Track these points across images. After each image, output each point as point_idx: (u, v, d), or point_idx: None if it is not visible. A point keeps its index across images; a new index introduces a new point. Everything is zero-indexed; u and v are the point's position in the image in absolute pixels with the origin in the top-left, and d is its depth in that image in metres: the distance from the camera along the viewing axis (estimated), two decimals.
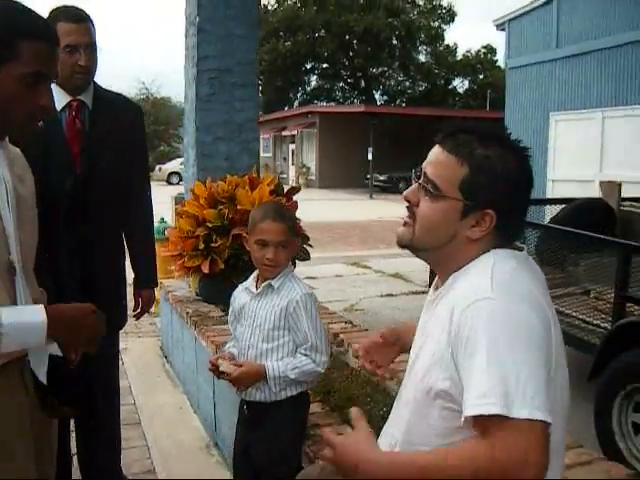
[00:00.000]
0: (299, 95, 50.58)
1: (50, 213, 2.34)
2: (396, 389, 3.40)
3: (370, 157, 30.03)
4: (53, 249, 2.56)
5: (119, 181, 2.92)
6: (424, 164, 1.61)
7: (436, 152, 1.59)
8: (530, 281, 1.50)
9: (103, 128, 2.83)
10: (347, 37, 44.86)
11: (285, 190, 5.12)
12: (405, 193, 1.62)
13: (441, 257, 1.60)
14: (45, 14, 2.46)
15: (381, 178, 32.62)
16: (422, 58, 48.65)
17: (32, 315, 1.58)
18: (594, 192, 12.13)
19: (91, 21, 2.75)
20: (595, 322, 4.38)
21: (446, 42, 48.66)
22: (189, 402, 4.69)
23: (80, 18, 2.70)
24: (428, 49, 48.49)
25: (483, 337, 1.35)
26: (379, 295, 8.76)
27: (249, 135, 5.42)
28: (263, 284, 2.67)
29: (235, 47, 5.28)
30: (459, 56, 48.85)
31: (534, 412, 1.27)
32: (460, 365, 1.40)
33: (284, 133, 40.60)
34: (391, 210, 22.99)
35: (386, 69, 48.57)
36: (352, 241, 14.97)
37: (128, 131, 2.97)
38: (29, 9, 1.66)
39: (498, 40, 49.87)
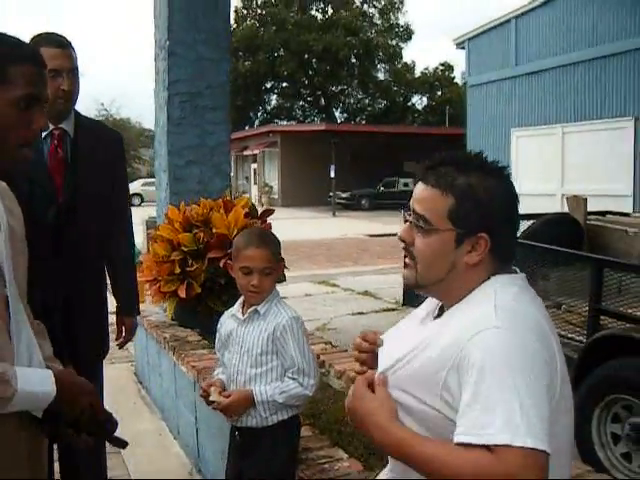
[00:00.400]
0: (259, 114, 50.72)
1: (34, 245, 2.32)
2: None
3: (332, 175, 30.17)
4: (39, 280, 2.54)
5: (102, 211, 2.91)
6: (411, 202, 1.63)
7: (420, 188, 1.62)
8: (532, 306, 1.53)
9: (85, 157, 2.81)
10: (306, 56, 45.24)
11: (259, 212, 5.15)
12: (399, 234, 1.64)
13: (446, 288, 1.61)
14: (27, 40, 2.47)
15: (343, 196, 32.83)
16: (381, 76, 49.31)
17: (43, 385, 1.60)
18: (557, 205, 12.48)
19: (72, 47, 2.75)
20: (569, 335, 4.46)
21: (404, 60, 49.40)
22: (168, 428, 4.64)
23: (62, 44, 2.70)
24: (386, 67, 49.14)
25: (488, 366, 1.37)
26: (350, 313, 8.78)
27: (221, 158, 5.43)
28: (249, 310, 2.66)
29: (205, 70, 5.29)
30: (417, 73, 49.59)
31: (537, 442, 1.29)
32: (464, 391, 1.40)
33: (245, 153, 40.65)
34: (354, 227, 23.16)
35: (345, 87, 49.07)
36: (318, 259, 14.99)
37: (110, 160, 2.96)
38: (13, 36, 1.66)
39: (455, 57, 50.76)
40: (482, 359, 1.38)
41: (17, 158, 1.66)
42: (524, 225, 6.23)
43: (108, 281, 3.23)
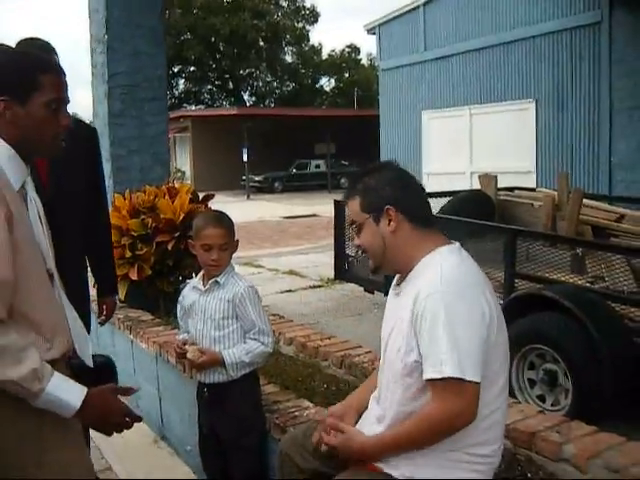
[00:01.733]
0: (168, 99, 50.06)
1: None
2: (328, 369, 3.88)
3: (245, 158, 30.28)
4: None
5: (83, 203, 3.17)
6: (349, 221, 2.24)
7: (347, 207, 2.23)
8: (471, 270, 2.04)
9: (67, 151, 3.08)
10: (213, 39, 44.89)
11: (200, 197, 5.48)
12: (354, 244, 2.28)
13: (393, 260, 2.13)
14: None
15: (257, 179, 32.88)
16: (289, 59, 49.49)
17: (70, 395, 1.78)
18: (466, 182, 13.20)
19: (56, 52, 3.02)
20: None
21: (311, 42, 49.72)
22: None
23: (47, 48, 2.97)
24: (294, 49, 49.33)
25: (435, 320, 1.88)
26: (279, 292, 9.15)
27: (160, 147, 5.72)
28: (210, 281, 3.02)
29: (143, 64, 5.56)
30: (324, 56, 50.03)
31: (474, 376, 1.84)
32: (421, 341, 1.92)
33: None
34: (270, 210, 23.34)
35: (254, 70, 48.95)
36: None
37: (88, 153, 3.23)
38: (37, 52, 2.01)
39: (361, 39, 51.37)
40: (432, 317, 1.89)
41: (53, 150, 2.02)
42: (442, 202, 6.80)
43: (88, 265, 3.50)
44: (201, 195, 5.49)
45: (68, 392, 1.78)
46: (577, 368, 3.93)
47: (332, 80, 50.68)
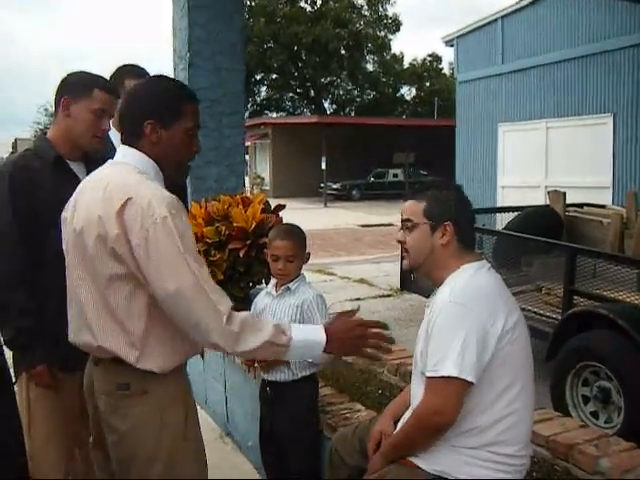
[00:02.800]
0: (249, 106, 51.03)
1: None
2: (382, 375, 4.06)
3: (324, 166, 30.58)
4: None
5: None
6: (401, 215, 2.40)
7: (405, 204, 2.41)
8: (484, 282, 2.24)
9: None
10: (296, 48, 45.58)
11: (272, 207, 5.74)
12: (397, 238, 2.43)
13: (431, 266, 2.34)
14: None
15: (335, 186, 33.08)
16: (370, 67, 49.67)
17: (314, 334, 2.08)
18: (541, 196, 13.09)
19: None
20: (547, 314, 5.10)
21: (392, 51, 49.82)
22: (196, 400, 5.23)
23: (143, 74, 3.29)
24: (375, 58, 49.51)
25: (435, 327, 2.15)
26: (348, 299, 9.35)
27: (236, 159, 6.00)
28: (282, 287, 3.25)
29: (223, 79, 5.85)
30: (405, 64, 50.02)
31: (462, 374, 2.06)
32: (428, 345, 2.18)
33: None
34: (346, 218, 23.51)
35: (335, 78, 49.38)
36: (313, 249, 15.13)
37: None
38: (181, 82, 2.33)
39: (442, 50, 51.18)
40: (435, 324, 2.16)
41: (186, 172, 2.33)
42: (509, 217, 6.88)
43: None
44: (273, 204, 5.74)
45: (310, 333, 2.10)
46: (629, 386, 3.99)
47: (413, 89, 50.62)
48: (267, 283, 3.66)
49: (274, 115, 47.60)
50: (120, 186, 1.97)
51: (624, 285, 4.82)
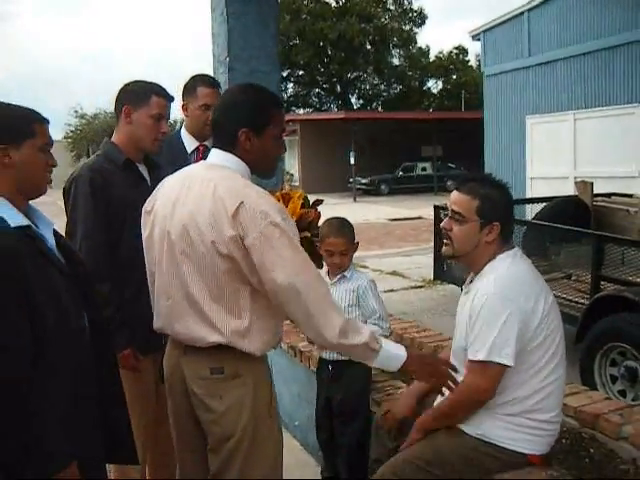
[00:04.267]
0: None
1: None
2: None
3: (352, 161, 30.68)
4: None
5: None
6: (449, 204, 2.62)
7: (456, 195, 2.60)
8: (520, 271, 2.49)
9: None
10: (321, 44, 45.69)
11: (311, 202, 6.01)
12: (442, 225, 2.64)
13: (473, 258, 2.59)
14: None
15: (363, 181, 33.19)
16: (396, 61, 49.52)
17: (398, 349, 2.27)
18: (569, 187, 13.18)
19: (219, 86, 3.60)
20: (575, 299, 5.32)
21: (418, 44, 49.65)
22: None
23: (214, 84, 3.55)
24: (401, 52, 49.33)
25: (479, 315, 2.40)
26: (382, 291, 9.45)
27: None
28: (338, 275, 3.52)
29: (259, 81, 6.09)
30: (432, 58, 49.83)
31: (502, 359, 2.33)
32: (472, 330, 2.43)
33: None
34: (376, 212, 23.56)
35: (361, 73, 49.37)
36: None
37: None
38: (268, 90, 2.43)
39: (468, 42, 50.96)
40: (479, 313, 2.41)
41: (272, 171, 2.49)
42: (538, 207, 7.09)
43: None
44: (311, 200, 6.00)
45: (395, 347, 2.27)
46: None
47: (439, 82, 50.45)
48: None
49: (301, 111, 47.77)
50: (230, 190, 2.12)
51: None
